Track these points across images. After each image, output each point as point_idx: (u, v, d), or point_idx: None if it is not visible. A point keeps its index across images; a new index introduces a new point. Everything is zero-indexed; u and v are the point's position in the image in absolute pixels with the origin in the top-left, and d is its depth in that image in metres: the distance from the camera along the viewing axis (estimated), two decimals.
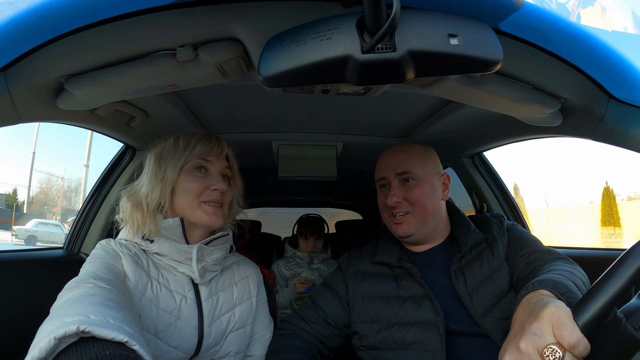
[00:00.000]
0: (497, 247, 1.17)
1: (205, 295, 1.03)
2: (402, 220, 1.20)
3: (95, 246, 0.99)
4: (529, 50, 0.81)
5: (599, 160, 46.33)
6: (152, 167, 1.05)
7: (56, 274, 1.54)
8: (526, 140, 1.49)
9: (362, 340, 1.17)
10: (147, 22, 0.71)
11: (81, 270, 0.87)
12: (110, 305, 0.66)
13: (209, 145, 1.06)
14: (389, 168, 1.24)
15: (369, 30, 0.57)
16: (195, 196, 1.02)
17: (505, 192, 1.94)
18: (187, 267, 1.01)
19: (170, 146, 1.06)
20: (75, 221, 1.77)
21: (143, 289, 0.93)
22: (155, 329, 0.91)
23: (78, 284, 0.75)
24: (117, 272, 0.89)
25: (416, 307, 1.11)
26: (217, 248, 1.07)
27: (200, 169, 1.05)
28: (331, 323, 1.24)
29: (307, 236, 2.42)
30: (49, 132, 38.55)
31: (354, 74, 0.60)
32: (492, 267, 1.13)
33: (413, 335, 1.08)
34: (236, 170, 1.15)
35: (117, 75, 0.82)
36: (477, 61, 0.62)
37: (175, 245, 1.00)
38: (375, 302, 1.18)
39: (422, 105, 1.39)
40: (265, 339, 1.19)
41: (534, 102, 0.96)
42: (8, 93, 0.78)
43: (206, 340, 0.99)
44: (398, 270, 1.21)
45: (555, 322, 0.63)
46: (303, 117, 1.51)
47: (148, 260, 1.00)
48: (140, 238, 1.01)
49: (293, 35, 0.61)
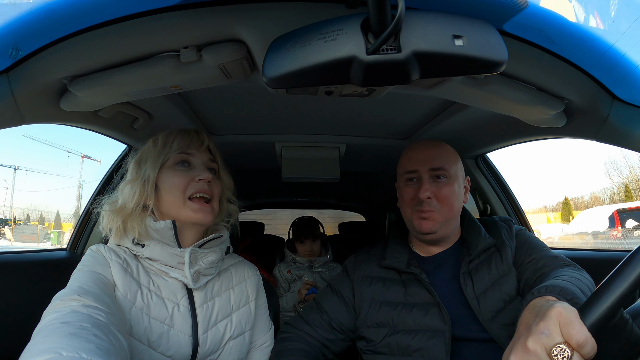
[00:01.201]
0: (506, 252, 1.15)
1: (200, 302, 1.00)
2: (428, 216, 1.15)
3: (86, 251, 0.97)
4: (533, 51, 0.81)
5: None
6: (131, 171, 1.02)
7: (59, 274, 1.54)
8: (530, 141, 1.49)
9: (369, 345, 1.16)
10: (151, 24, 0.72)
11: (70, 279, 0.86)
12: (84, 335, 0.63)
13: (187, 138, 1.03)
14: (421, 162, 1.18)
15: (374, 31, 0.57)
16: (181, 191, 0.98)
17: (509, 194, 1.94)
18: (180, 272, 0.98)
19: (148, 147, 1.03)
20: (78, 222, 1.77)
21: (133, 298, 0.90)
22: (148, 338, 0.89)
23: (62, 302, 0.73)
24: (105, 282, 0.87)
25: (423, 314, 1.09)
26: (211, 250, 1.03)
27: (183, 163, 1.02)
28: (336, 327, 1.22)
29: (303, 240, 2.39)
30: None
31: (358, 75, 0.60)
32: (500, 272, 1.12)
33: (418, 342, 1.06)
34: (222, 165, 1.12)
35: (121, 76, 0.82)
36: (482, 62, 0.62)
37: (166, 249, 0.97)
38: (382, 307, 1.16)
39: (425, 107, 1.39)
40: (266, 345, 1.16)
41: (538, 103, 0.95)
42: (12, 94, 0.78)
43: (201, 349, 0.96)
44: (406, 276, 1.19)
45: (562, 321, 0.62)
46: (306, 118, 1.50)
47: (138, 267, 0.97)
48: (130, 242, 0.98)
49: (297, 37, 0.60)
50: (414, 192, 1.17)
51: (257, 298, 1.15)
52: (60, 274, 1.54)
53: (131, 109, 1.21)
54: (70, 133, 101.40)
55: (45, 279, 1.48)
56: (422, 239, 1.21)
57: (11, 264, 1.41)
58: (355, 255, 1.36)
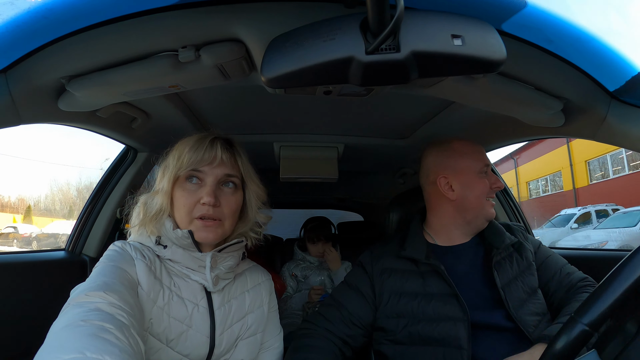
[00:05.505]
0: (526, 251, 1.27)
1: (218, 304, 1.01)
2: (494, 204, 1.30)
3: (109, 246, 0.97)
4: (531, 50, 0.81)
5: None
6: (158, 176, 1.03)
7: (58, 275, 1.54)
8: (528, 140, 1.49)
9: (388, 335, 1.19)
10: (149, 23, 0.71)
11: (93, 271, 0.85)
12: (107, 337, 0.64)
13: (199, 154, 0.97)
14: (486, 158, 1.32)
15: (373, 31, 0.57)
16: (186, 213, 0.97)
17: (508, 195, 1.94)
18: (200, 274, 0.99)
19: (171, 154, 1.02)
20: (77, 222, 1.77)
21: (155, 297, 0.91)
22: (166, 337, 0.89)
23: (87, 296, 0.73)
24: (129, 280, 0.87)
25: (442, 304, 1.15)
26: (230, 255, 1.03)
27: (192, 179, 0.99)
28: (356, 323, 1.25)
29: (315, 240, 2.40)
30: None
31: (357, 74, 0.60)
32: (521, 267, 1.22)
33: (439, 332, 1.12)
34: (248, 174, 1.07)
35: (119, 76, 0.82)
36: (480, 62, 0.62)
37: (188, 253, 0.98)
38: (401, 299, 1.20)
39: (423, 106, 1.39)
40: (275, 346, 1.16)
41: (536, 102, 0.96)
42: (9, 94, 0.78)
43: (217, 349, 0.97)
44: (424, 267, 1.23)
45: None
46: (305, 118, 1.50)
47: (161, 267, 0.97)
48: (153, 243, 0.98)
49: (296, 36, 0.61)
50: (487, 183, 1.28)
51: (270, 302, 1.16)
52: (59, 275, 1.55)
53: (129, 108, 1.21)
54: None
55: (43, 279, 1.47)
56: (481, 226, 1.31)
57: (9, 265, 1.41)
58: (370, 251, 1.39)
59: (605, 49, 0.80)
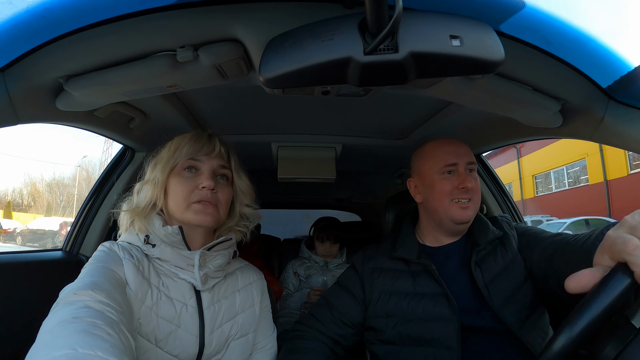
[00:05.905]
0: (510, 242, 1.22)
1: (207, 303, 1.01)
2: (468, 206, 1.21)
3: (98, 247, 0.97)
4: (529, 51, 0.81)
5: None
6: (147, 173, 1.05)
7: (55, 275, 1.53)
8: (526, 141, 1.49)
9: (378, 335, 1.19)
10: (147, 23, 0.71)
11: (82, 272, 0.86)
12: (98, 333, 0.64)
13: (198, 144, 1.03)
14: (460, 155, 1.24)
15: (371, 31, 0.57)
16: (184, 198, 0.99)
17: (505, 194, 1.94)
18: (189, 273, 0.99)
19: (164, 150, 1.06)
20: (74, 222, 1.76)
21: (143, 297, 0.91)
22: (155, 337, 0.90)
23: (76, 295, 0.74)
24: (117, 280, 0.87)
25: (433, 304, 1.14)
26: (219, 254, 1.04)
27: (190, 169, 1.03)
28: (347, 322, 1.25)
29: (324, 240, 2.41)
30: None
31: (355, 75, 0.60)
32: (507, 260, 1.18)
33: (429, 332, 1.11)
34: (238, 169, 1.12)
35: (117, 76, 0.82)
36: (478, 62, 0.62)
37: (177, 251, 0.99)
38: (391, 298, 1.20)
39: (421, 107, 1.39)
40: (268, 347, 1.16)
41: (534, 103, 0.96)
42: (7, 94, 0.77)
43: (207, 349, 0.97)
44: (415, 267, 1.23)
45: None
46: (302, 118, 1.50)
47: (149, 266, 0.97)
48: (141, 242, 0.99)
49: (294, 36, 0.61)
50: (453, 184, 1.22)
51: (261, 301, 1.16)
52: (56, 275, 1.55)
53: (127, 108, 1.20)
54: None
55: (41, 279, 1.47)
56: (454, 229, 1.26)
57: (6, 264, 1.40)
58: (363, 251, 1.39)
59: (603, 50, 0.81)
